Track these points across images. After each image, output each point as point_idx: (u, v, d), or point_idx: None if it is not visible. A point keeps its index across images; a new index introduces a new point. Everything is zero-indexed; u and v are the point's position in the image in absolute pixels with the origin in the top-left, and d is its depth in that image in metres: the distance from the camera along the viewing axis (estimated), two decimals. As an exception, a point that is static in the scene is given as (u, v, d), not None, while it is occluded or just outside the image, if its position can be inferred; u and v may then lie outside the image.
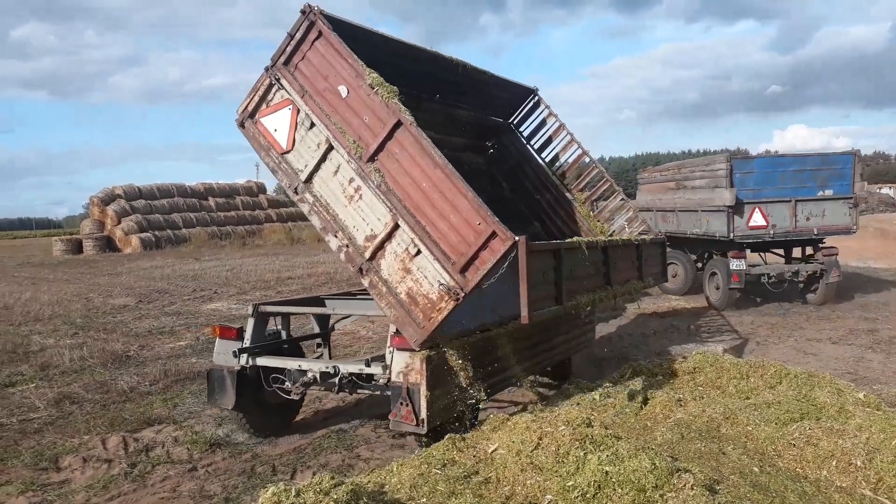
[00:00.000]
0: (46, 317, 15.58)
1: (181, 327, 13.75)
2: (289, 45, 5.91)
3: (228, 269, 26.55)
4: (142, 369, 9.96)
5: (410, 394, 5.49)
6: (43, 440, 7.07)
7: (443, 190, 5.28)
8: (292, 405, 7.33)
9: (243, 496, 5.54)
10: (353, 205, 5.72)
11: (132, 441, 6.87)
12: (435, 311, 5.35)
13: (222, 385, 6.62)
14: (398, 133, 5.45)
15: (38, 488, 5.83)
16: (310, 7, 5.81)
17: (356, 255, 5.73)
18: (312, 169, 5.89)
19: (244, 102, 6.20)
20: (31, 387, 9.18)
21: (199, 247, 40.70)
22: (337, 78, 5.73)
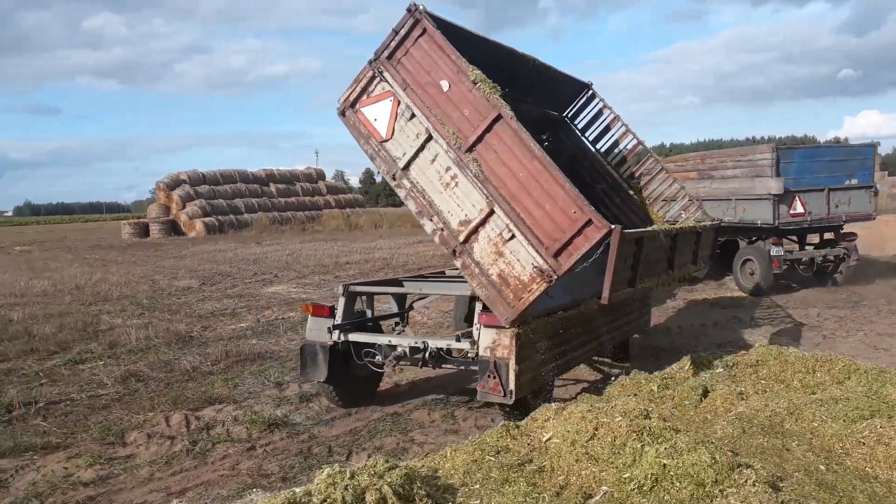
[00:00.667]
0: (115, 297, 16.17)
1: (242, 309, 14.07)
2: (393, 41, 6.23)
3: (288, 253, 27.04)
4: (204, 349, 10.23)
5: (497, 367, 5.97)
6: (110, 416, 7.33)
7: (539, 180, 5.68)
8: (375, 379, 7.74)
9: (300, 476, 5.64)
10: (449, 191, 6.11)
11: (194, 419, 7.06)
12: (526, 292, 5.79)
13: (315, 359, 7.06)
14: (497, 126, 5.82)
15: (105, 462, 6.06)
16: (415, 6, 6.14)
17: (450, 238, 6.13)
18: (411, 157, 6.26)
19: (345, 93, 6.51)
20: (100, 364, 9.54)
21: (261, 231, 41.55)
22: (439, 73, 6.07)
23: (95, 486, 5.59)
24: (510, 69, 7.98)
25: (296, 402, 7.60)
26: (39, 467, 5.96)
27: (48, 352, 10.37)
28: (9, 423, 7.16)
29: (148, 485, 5.58)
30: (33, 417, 7.33)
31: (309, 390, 8.00)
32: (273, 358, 9.72)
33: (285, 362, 9.42)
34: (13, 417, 7.33)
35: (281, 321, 12.56)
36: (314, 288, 17.25)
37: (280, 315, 13.27)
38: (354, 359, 7.18)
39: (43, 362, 9.80)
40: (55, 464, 6.02)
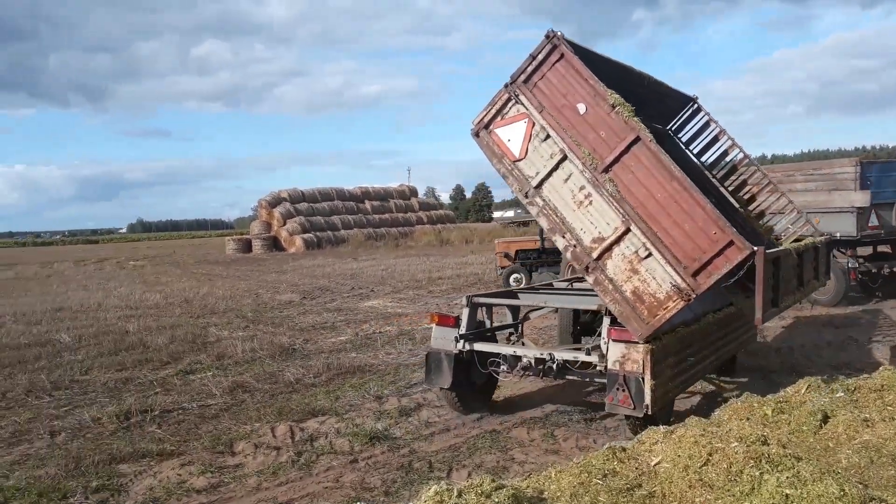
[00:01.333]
0: (221, 310, 16.88)
1: (341, 323, 14.38)
2: (529, 66, 6.46)
3: (383, 268, 27.51)
4: (306, 362, 10.50)
5: (627, 381, 6.14)
6: (219, 425, 7.61)
7: (678, 200, 5.84)
8: (491, 387, 8.08)
9: (402, 491, 5.66)
10: (582, 210, 6.29)
11: (298, 430, 7.22)
12: (661, 309, 5.98)
13: (440, 367, 7.40)
14: (635, 148, 6.00)
15: (215, 470, 6.27)
16: (553, 32, 6.35)
17: (583, 255, 6.32)
18: (544, 176, 6.46)
19: (480, 115, 6.77)
20: (209, 375, 9.94)
21: (357, 247, 42.50)
22: (576, 96, 6.27)
23: (207, 493, 5.79)
24: (625, 86, 7.99)
25: (395, 416, 7.66)
26: (156, 473, 6.24)
27: (161, 362, 10.91)
28: (127, 430, 7.55)
29: (256, 494, 5.74)
30: (149, 425, 7.70)
31: (408, 405, 8.06)
32: (372, 371, 9.86)
33: (384, 376, 9.53)
34: (131, 424, 7.73)
35: (378, 335, 12.74)
36: (409, 302, 17.44)
37: (377, 329, 13.47)
38: (478, 367, 7.43)
39: (157, 372, 10.31)
40: (170, 470, 6.28)
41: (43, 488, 5.88)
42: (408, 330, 13.19)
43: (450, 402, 7.73)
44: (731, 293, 6.73)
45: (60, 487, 5.91)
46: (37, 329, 14.47)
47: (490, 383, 8.00)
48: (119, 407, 8.25)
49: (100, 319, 15.57)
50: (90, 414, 8.08)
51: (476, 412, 7.70)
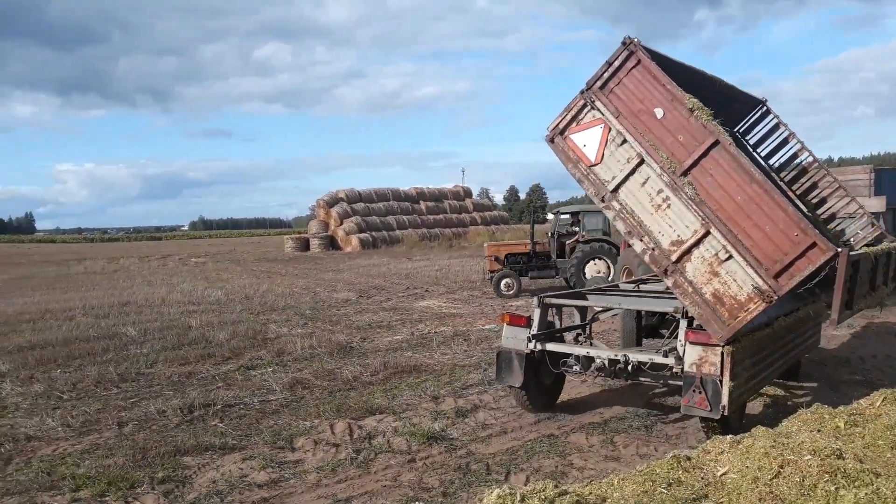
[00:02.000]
0: (280, 307, 17.17)
1: (397, 322, 14.46)
2: (606, 72, 6.52)
3: (437, 269, 27.57)
4: (363, 360, 10.58)
5: (704, 383, 6.14)
6: (280, 421, 7.73)
7: (759, 203, 5.86)
8: (558, 387, 8.17)
9: (460, 492, 5.64)
10: (660, 213, 6.34)
11: (356, 428, 7.28)
12: (742, 311, 5.98)
13: (510, 366, 7.47)
14: (715, 151, 6.04)
15: (276, 465, 6.37)
16: (630, 39, 6.41)
17: (661, 258, 6.35)
18: (621, 180, 6.51)
19: (555, 121, 6.82)
20: (269, 371, 10.12)
21: (411, 247, 42.73)
22: (653, 101, 6.32)
23: (269, 488, 5.88)
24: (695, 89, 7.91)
25: (452, 417, 7.65)
26: (218, 466, 6.37)
27: (223, 357, 11.15)
28: (191, 423, 7.73)
29: (316, 490, 5.80)
30: (212, 419, 7.87)
31: (464, 406, 8.05)
32: (428, 371, 9.87)
33: (440, 376, 9.54)
34: (194, 418, 7.91)
35: (434, 335, 12.76)
36: (463, 303, 17.43)
37: (432, 329, 13.49)
38: (548, 367, 7.50)
39: (218, 367, 10.54)
40: (232, 464, 6.41)
41: (112, 477, 6.06)
42: (463, 331, 13.19)
43: (519, 401, 7.81)
44: (796, 297, 6.65)
45: (128, 477, 6.08)
46: (104, 322, 14.98)
47: (557, 384, 8.08)
48: (183, 400, 8.47)
49: (164, 314, 16.02)
50: (155, 406, 8.31)
51: (545, 412, 7.77)
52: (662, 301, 7.61)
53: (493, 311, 15.89)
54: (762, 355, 6.82)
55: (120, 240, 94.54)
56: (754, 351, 6.58)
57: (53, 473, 6.26)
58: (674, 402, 8.10)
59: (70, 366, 10.72)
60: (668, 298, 7.49)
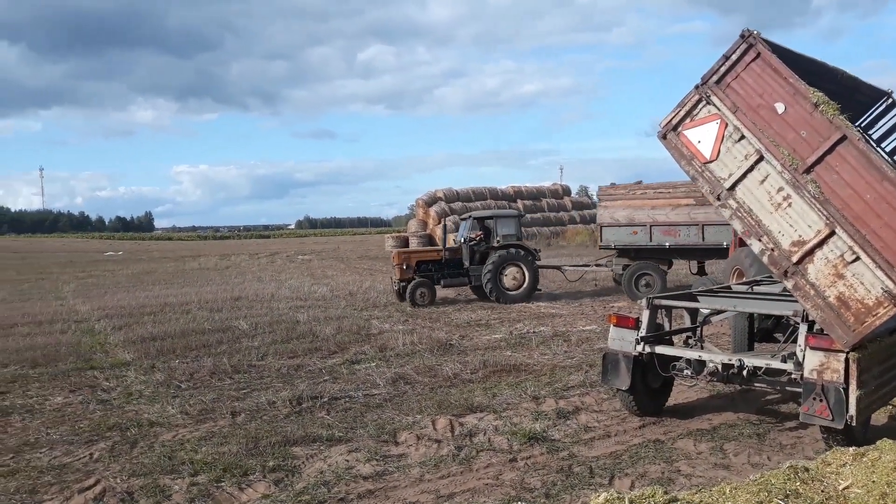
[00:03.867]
0: (382, 304, 17.55)
1: (495, 321, 14.48)
2: (723, 66, 6.36)
3: (536, 268, 27.34)
4: (463, 358, 10.66)
5: (825, 391, 5.86)
6: (383, 415, 7.89)
7: (891, 201, 5.58)
8: (665, 391, 7.94)
9: (563, 494, 5.58)
10: (780, 212, 6.12)
11: (458, 425, 7.34)
12: (870, 316, 5.70)
13: (617, 368, 7.31)
14: (841, 147, 5.79)
15: (380, 459, 6.51)
16: (749, 31, 6.23)
17: (781, 259, 6.13)
18: (738, 178, 6.33)
19: (668, 116, 6.72)
20: (373, 365, 10.36)
21: (508, 246, 42.55)
22: (773, 95, 6.11)
23: (373, 480, 6.01)
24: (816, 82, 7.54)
25: (553, 418, 7.58)
26: (325, 458, 6.57)
27: (329, 351, 11.51)
28: (299, 414, 8.02)
29: (419, 485, 5.88)
30: (319, 410, 8.13)
31: (565, 407, 7.96)
32: (528, 371, 9.83)
33: (540, 376, 9.47)
34: (303, 409, 8.20)
35: (532, 335, 12.69)
36: (563, 303, 17.24)
37: (531, 329, 13.42)
38: (656, 370, 7.31)
39: (325, 360, 10.89)
40: (338, 456, 6.59)
41: (227, 464, 6.37)
42: (562, 331, 13.05)
43: (625, 404, 7.67)
44: None
45: (241, 465, 6.37)
46: (218, 316, 15.76)
47: (665, 387, 7.87)
48: (292, 392, 8.80)
49: (273, 309, 16.69)
50: (266, 397, 8.68)
51: (651, 416, 7.59)
52: (780, 304, 7.24)
53: (594, 311, 15.64)
54: (892, 362, 6.43)
55: (231, 237, 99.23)
56: (884, 358, 6.23)
57: (174, 458, 6.64)
58: (788, 409, 7.72)
59: (187, 356, 11.35)
60: (786, 301, 7.13)
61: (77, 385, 9.79)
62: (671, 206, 17.31)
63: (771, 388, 7.06)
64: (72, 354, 11.92)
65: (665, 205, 17.33)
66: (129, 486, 5.96)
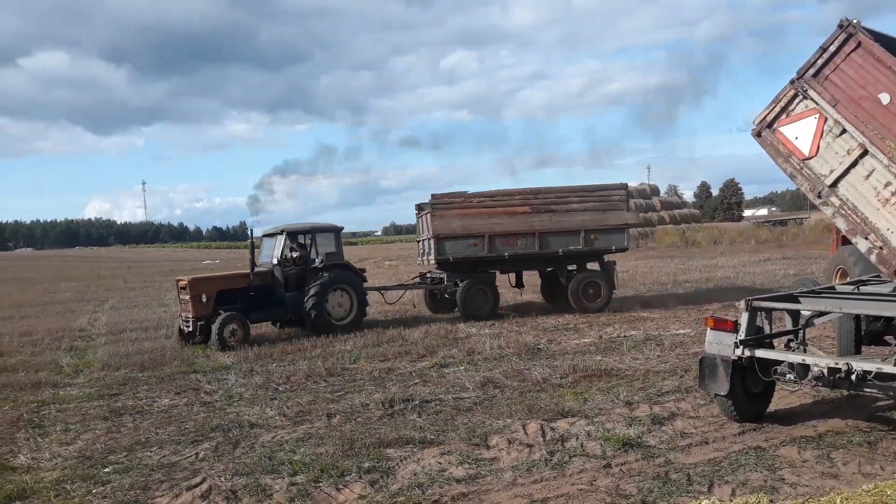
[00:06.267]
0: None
1: (584, 325, 14.31)
2: (820, 58, 6.22)
3: (624, 270, 26.78)
4: (552, 362, 10.58)
5: None
6: (473, 418, 7.93)
7: None
8: (766, 396, 7.59)
9: (659, 501, 5.46)
10: (888, 208, 5.93)
11: (549, 429, 7.29)
12: None
13: (715, 372, 7.05)
14: None
15: (472, 462, 6.54)
16: (848, 21, 6.06)
17: (891, 258, 5.97)
18: (840, 174, 6.17)
19: (762, 113, 6.61)
20: (461, 369, 10.43)
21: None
22: (877, 86, 5.93)
23: (466, 483, 6.05)
24: None
25: (648, 424, 7.42)
26: (419, 460, 6.66)
27: (418, 354, 11.67)
28: (392, 417, 8.16)
29: (512, 489, 5.88)
30: (410, 413, 8.26)
31: (660, 413, 7.77)
32: (619, 376, 9.66)
33: (632, 381, 9.29)
34: (395, 412, 8.34)
35: (623, 339, 12.46)
36: (654, 306, 16.84)
37: (622, 332, 13.19)
38: (756, 375, 7.05)
39: (414, 364, 11.04)
40: (431, 458, 6.67)
41: (324, 465, 6.55)
42: (654, 335, 12.75)
43: (724, 410, 7.42)
44: None
45: (338, 465, 6.54)
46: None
47: (766, 393, 7.54)
48: (384, 395, 8.97)
49: (362, 314, 17.01)
50: (359, 400, 8.88)
51: (751, 422, 7.30)
52: (891, 304, 6.82)
53: (687, 315, 15.22)
54: None
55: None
56: None
57: (273, 458, 6.88)
58: (902, 417, 7.29)
59: (284, 360, 11.75)
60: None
61: (182, 388, 10.31)
62: (508, 215, 16.51)
63: (882, 393, 6.67)
64: (176, 359, 12.55)
65: (502, 213, 16.46)
66: (233, 485, 6.22)
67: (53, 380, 11.35)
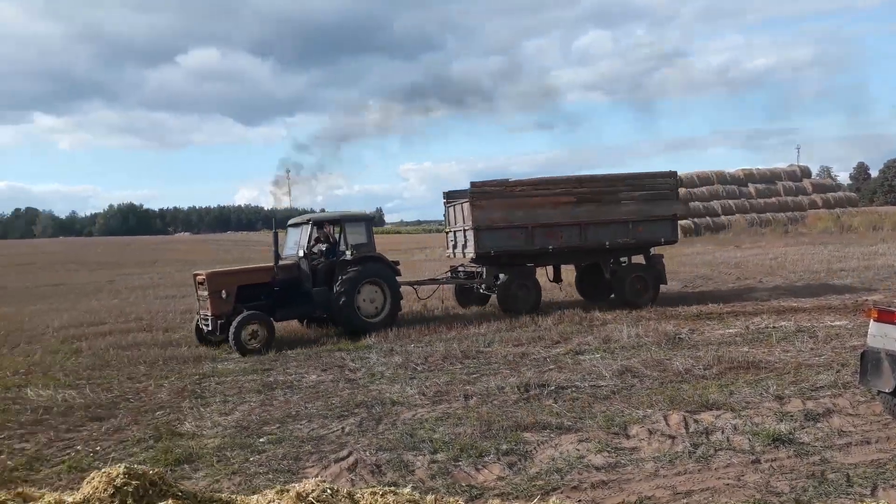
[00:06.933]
0: (603, 295, 17.28)
1: (728, 314, 13.66)
2: None
3: (771, 257, 25.40)
4: (694, 352, 10.19)
5: None
6: (611, 407, 7.81)
7: None
8: None
9: (815, 501, 5.16)
10: None
11: (692, 421, 7.06)
12: None
13: (879, 367, 6.60)
14: None
15: (612, 450, 6.45)
16: None
17: None
18: None
19: None
20: (598, 357, 10.28)
21: (738, 234, 39.95)
22: None
23: (606, 471, 5.98)
24: None
25: (800, 420, 7.01)
26: (556, 445, 6.65)
27: (552, 341, 11.62)
28: (527, 402, 8.19)
29: (653, 480, 5.75)
30: (546, 398, 8.25)
31: (814, 409, 7.32)
32: (768, 368, 9.16)
33: (782, 375, 8.78)
34: (530, 396, 8.37)
35: (772, 330, 11.79)
36: (805, 296, 15.80)
37: (770, 323, 12.48)
38: None
39: (548, 350, 11.01)
40: (568, 444, 6.65)
41: (463, 445, 6.69)
42: (807, 327, 11.97)
43: (889, 409, 6.91)
44: None
45: (476, 446, 6.65)
46: (446, 304, 16.56)
47: None
48: (519, 379, 9.02)
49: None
50: (495, 383, 8.98)
51: None
52: None
53: (843, 305, 14.17)
54: None
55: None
56: None
57: (414, 436, 7.11)
58: None
59: (421, 342, 12.06)
60: None
61: (328, 365, 10.86)
62: (552, 205, 15.34)
63: None
64: (322, 336, 13.21)
65: (544, 203, 15.30)
66: (378, 460, 6.49)
67: (212, 354, 12.28)
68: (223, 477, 6.29)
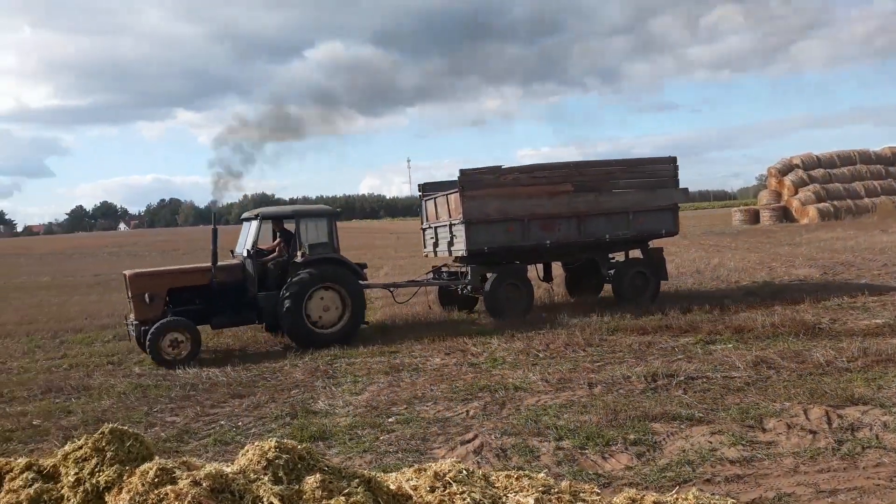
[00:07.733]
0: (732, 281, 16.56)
1: (875, 304, 12.72)
2: None
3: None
4: (836, 343, 9.57)
5: None
6: (745, 399, 7.48)
7: None
8: None
9: (981, 509, 4.75)
10: None
11: (836, 417, 6.65)
12: None
13: None
14: None
15: (746, 444, 6.19)
16: None
17: None
18: None
19: None
20: (730, 346, 9.87)
21: (885, 217, 36.90)
22: None
23: (740, 465, 5.75)
24: None
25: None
26: (687, 437, 6.46)
27: (680, 329, 11.25)
28: (655, 391, 7.99)
29: (794, 476, 5.48)
30: (675, 389, 8.02)
31: (979, 408, 6.70)
32: (923, 363, 8.46)
33: (940, 370, 8.10)
34: (658, 386, 8.16)
35: (928, 321, 10.86)
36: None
37: (925, 314, 11.50)
38: None
39: (676, 339, 10.67)
40: (700, 436, 6.44)
41: (589, 433, 6.63)
42: (969, 318, 10.94)
43: None
44: None
45: (603, 434, 6.57)
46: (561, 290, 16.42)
47: None
48: (646, 368, 8.81)
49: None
50: (620, 371, 8.82)
51: None
52: None
53: None
54: None
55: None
56: None
57: (538, 422, 7.11)
58: None
59: (542, 329, 12.02)
60: None
61: (451, 349, 11.05)
62: (548, 195, 13.66)
63: None
64: (444, 321, 13.46)
65: (542, 192, 13.63)
66: (503, 444, 6.55)
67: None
68: (355, 455, 6.56)
